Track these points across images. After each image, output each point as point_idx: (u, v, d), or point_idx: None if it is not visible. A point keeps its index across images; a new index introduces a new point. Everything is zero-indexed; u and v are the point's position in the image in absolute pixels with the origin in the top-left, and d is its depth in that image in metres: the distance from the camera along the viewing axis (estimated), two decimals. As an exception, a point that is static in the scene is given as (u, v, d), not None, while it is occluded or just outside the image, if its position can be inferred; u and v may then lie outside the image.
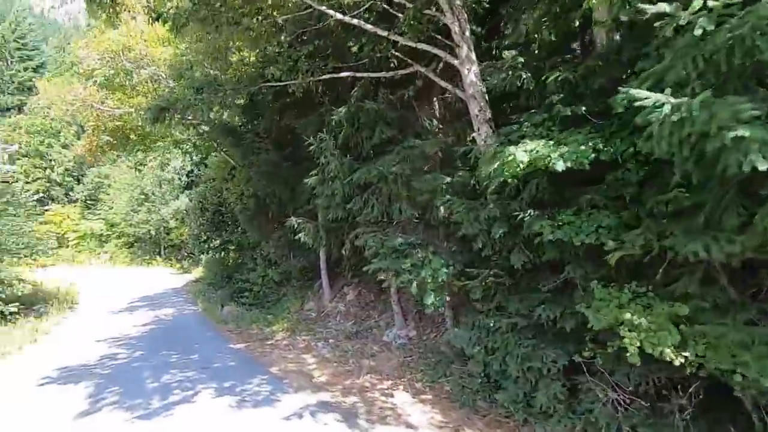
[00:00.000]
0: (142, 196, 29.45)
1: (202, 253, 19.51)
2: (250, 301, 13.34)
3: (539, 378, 4.42)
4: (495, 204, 4.89)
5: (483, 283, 4.97)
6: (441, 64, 6.89)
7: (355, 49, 8.05)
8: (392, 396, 6.06)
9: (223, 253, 17.87)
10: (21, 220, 12.68)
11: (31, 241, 12.88)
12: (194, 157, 23.58)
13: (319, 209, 9.72)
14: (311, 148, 7.74)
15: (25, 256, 12.55)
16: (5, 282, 11.30)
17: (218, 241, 17.69)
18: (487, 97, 6.02)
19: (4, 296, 11.01)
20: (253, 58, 9.61)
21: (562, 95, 4.37)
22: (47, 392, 6.32)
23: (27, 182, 35.50)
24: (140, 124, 12.34)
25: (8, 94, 40.15)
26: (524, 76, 5.07)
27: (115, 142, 13.29)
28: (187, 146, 14.76)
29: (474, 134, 6.03)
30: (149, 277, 23.05)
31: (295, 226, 8.00)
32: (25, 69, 41.62)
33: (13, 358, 8.74)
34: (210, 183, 16.19)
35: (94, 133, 12.94)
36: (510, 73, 5.18)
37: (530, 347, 4.51)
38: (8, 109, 38.97)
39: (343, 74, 7.21)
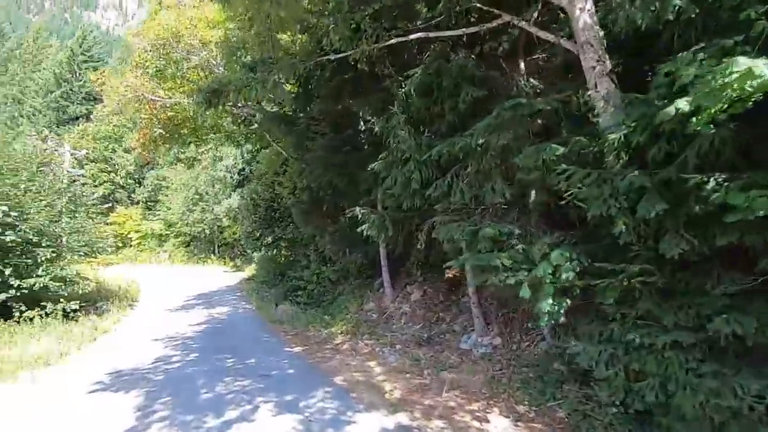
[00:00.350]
0: (197, 196, 30.06)
1: (255, 251, 19.27)
2: (305, 300, 12.68)
3: (732, 418, 3.09)
4: (641, 172, 3.59)
5: (626, 283, 3.68)
6: (536, 13, 5.63)
7: (424, 10, 6.96)
8: (487, 421, 4.89)
9: (275, 251, 17.47)
10: (82, 218, 12.76)
11: (91, 239, 12.94)
12: (245, 155, 23.58)
13: (379, 199, 8.74)
14: (376, 128, 6.72)
15: (86, 254, 12.61)
16: (67, 280, 11.29)
17: (270, 238, 17.31)
18: (605, 44, 4.72)
19: (66, 294, 10.98)
20: (305, 38, 8.77)
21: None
22: (96, 401, 5.74)
23: (95, 186, 37.68)
24: (192, 114, 12.02)
25: (77, 104, 42.82)
26: (679, 3, 3.71)
27: (167, 135, 13.13)
28: (240, 138, 14.38)
29: (590, 92, 4.72)
30: (204, 275, 23.30)
31: (359, 216, 7.01)
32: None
33: (71, 357, 8.46)
34: (262, 178, 15.76)
35: (147, 126, 12.81)
36: (656, 5, 3.84)
37: (711, 375, 3.19)
38: (77, 118, 41.53)
39: (414, 36, 6.11)
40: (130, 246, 35.88)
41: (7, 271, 10.03)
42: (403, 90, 6.40)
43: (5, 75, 55.26)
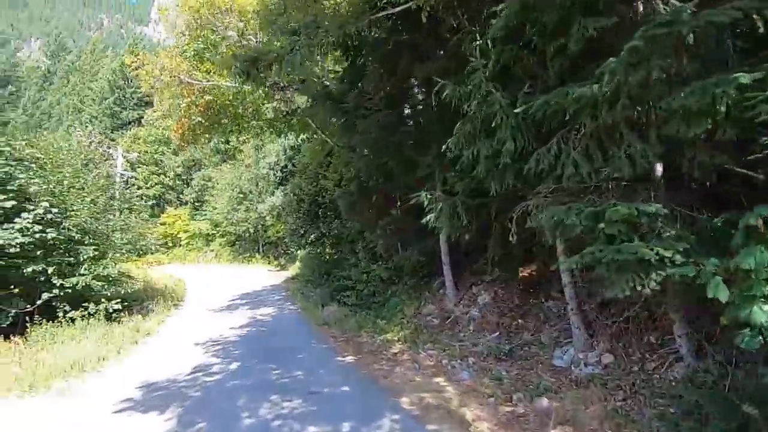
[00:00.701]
0: (241, 195, 30.03)
1: (300, 249, 18.52)
2: (353, 301, 11.59)
3: None
4: None
5: None
6: None
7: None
8: (625, 478, 3.49)
9: (319, 249, 16.58)
10: (125, 215, 12.38)
11: (134, 237, 12.54)
12: (288, 151, 22.98)
13: (439, 185, 7.45)
14: (445, 93, 5.42)
15: (128, 252, 12.20)
16: (110, 279, 10.84)
17: (313, 236, 16.46)
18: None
19: (108, 294, 10.51)
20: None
21: None
22: (121, 424, 4.87)
23: (147, 188, 38.95)
24: (231, 99, 11.26)
25: (129, 109, 44.60)
26: None
27: (206, 123, 12.47)
28: (282, 126, 13.58)
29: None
30: (249, 275, 22.95)
31: (425, 203, 5.75)
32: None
33: (109, 363, 7.82)
34: (305, 171, 14.88)
35: (185, 114, 12.22)
36: None
37: None
38: (129, 123, 43.22)
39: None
40: (179, 246, 36.64)
41: (50, 270, 9.65)
42: (479, 42, 5.09)
43: (67, 86, 58.93)
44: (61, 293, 9.79)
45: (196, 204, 38.58)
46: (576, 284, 5.71)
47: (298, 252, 20.56)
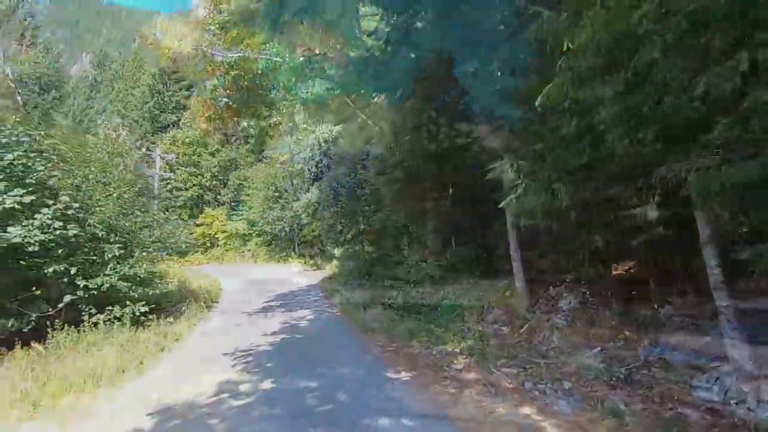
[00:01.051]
0: (276, 194, 29.47)
1: (337, 246, 17.39)
2: (400, 303, 10.22)
3: None
4: None
5: None
6: None
7: None
8: None
9: (358, 246, 15.35)
10: (153, 211, 11.61)
11: (163, 234, 11.75)
12: (323, 145, 21.95)
13: (513, 170, 5.92)
14: (536, 25, 3.93)
15: (157, 251, 11.41)
16: (137, 279, 10.02)
17: (351, 232, 15.25)
18: None
19: (136, 295, 9.67)
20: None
21: None
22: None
23: (185, 189, 39.29)
24: (260, 72, 10.17)
25: (168, 112, 45.37)
26: None
27: (234, 105, 11.46)
28: (315, 105, 12.40)
29: None
30: (285, 274, 22.21)
31: (509, 175, 4.28)
32: (180, 89, 46.71)
33: (128, 375, 6.85)
34: (342, 161, 13.67)
35: (211, 95, 11.25)
36: None
37: None
38: (168, 126, 43.91)
39: None
40: (217, 246, 36.67)
41: (73, 270, 8.89)
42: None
43: (112, 93, 61.23)
44: (86, 295, 9.02)
45: (233, 204, 38.57)
46: (734, 285, 4.05)
47: (335, 250, 19.53)
